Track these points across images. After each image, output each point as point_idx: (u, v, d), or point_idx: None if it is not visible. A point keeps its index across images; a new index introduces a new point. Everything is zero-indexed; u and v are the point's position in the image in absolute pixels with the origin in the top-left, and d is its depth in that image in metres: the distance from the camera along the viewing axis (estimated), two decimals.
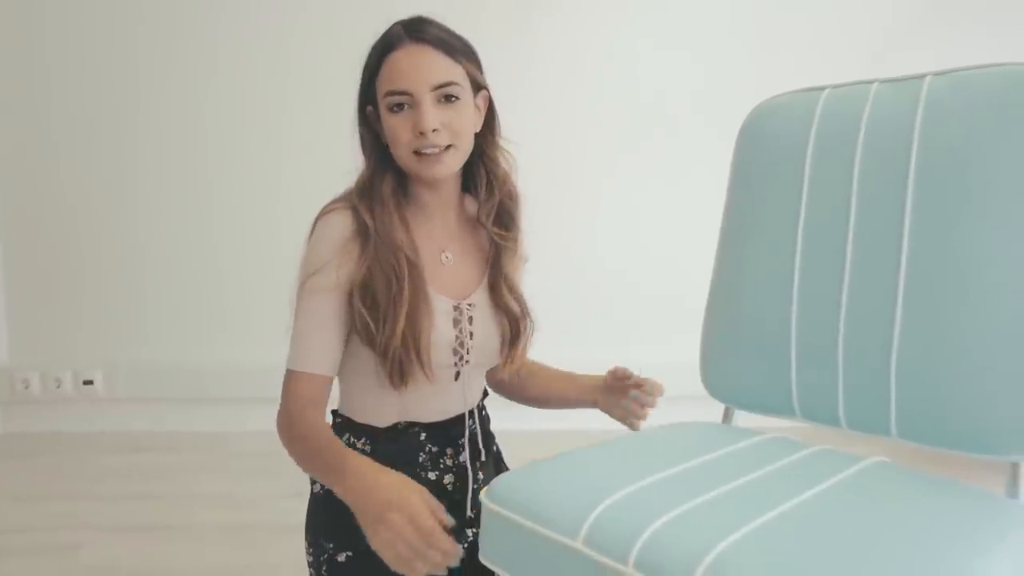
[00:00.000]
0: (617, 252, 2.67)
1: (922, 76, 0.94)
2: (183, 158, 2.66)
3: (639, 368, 1.15)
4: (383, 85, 1.05)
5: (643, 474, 0.84)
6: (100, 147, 2.65)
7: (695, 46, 2.63)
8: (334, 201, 1.11)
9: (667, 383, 1.14)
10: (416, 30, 1.05)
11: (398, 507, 0.85)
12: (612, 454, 0.94)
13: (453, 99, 1.04)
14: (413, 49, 1.04)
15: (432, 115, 1.02)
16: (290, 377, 1.08)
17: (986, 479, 0.96)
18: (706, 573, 0.67)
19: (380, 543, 0.85)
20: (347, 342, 1.10)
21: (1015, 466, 0.87)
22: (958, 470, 0.97)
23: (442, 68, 1.04)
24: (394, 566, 0.85)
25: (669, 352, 1.87)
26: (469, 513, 1.14)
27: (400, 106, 1.04)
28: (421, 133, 1.02)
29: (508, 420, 1.38)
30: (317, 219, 1.10)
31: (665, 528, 0.73)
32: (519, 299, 1.16)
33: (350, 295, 1.05)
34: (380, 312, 1.04)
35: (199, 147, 2.66)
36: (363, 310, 1.04)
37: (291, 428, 1.05)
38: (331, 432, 1.05)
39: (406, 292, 1.04)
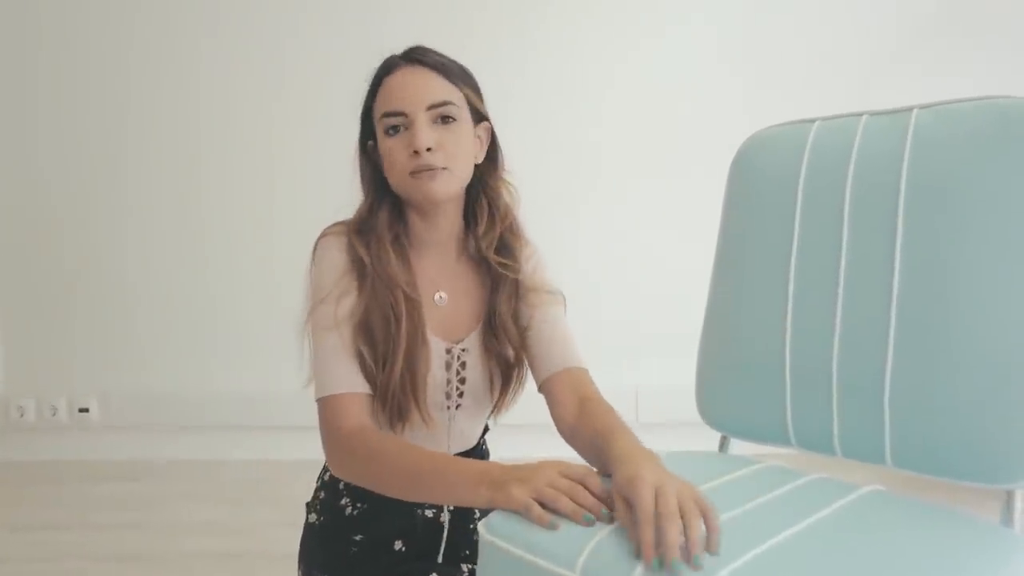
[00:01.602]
0: (615, 277, 2.67)
1: (909, 109, 0.96)
2: (176, 186, 2.67)
3: (636, 391, 1.13)
4: (379, 108, 1.03)
5: None
6: (94, 176, 2.66)
7: (689, 75, 2.65)
8: (335, 224, 1.10)
9: (666, 408, 1.12)
10: (412, 53, 1.05)
11: (545, 465, 0.82)
12: (609, 483, 0.94)
13: (449, 120, 1.02)
14: (409, 70, 1.03)
15: (427, 133, 1.00)
16: (328, 405, 1.01)
17: (982, 506, 0.96)
18: None
19: (533, 485, 0.80)
20: None
21: (1010, 494, 0.88)
22: (954, 497, 0.97)
23: (437, 88, 1.02)
24: (549, 501, 0.79)
25: (668, 377, 1.87)
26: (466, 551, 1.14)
27: (396, 128, 1.01)
28: (415, 152, 0.99)
29: (505, 448, 1.37)
30: (317, 242, 1.09)
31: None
32: (515, 345, 1.11)
33: (353, 328, 1.03)
34: (379, 353, 1.02)
35: (192, 176, 2.67)
36: (363, 348, 1.02)
37: (355, 451, 0.97)
38: (401, 440, 1.00)
39: (404, 331, 1.02)
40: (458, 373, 1.10)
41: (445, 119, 1.02)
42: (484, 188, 1.11)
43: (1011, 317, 0.86)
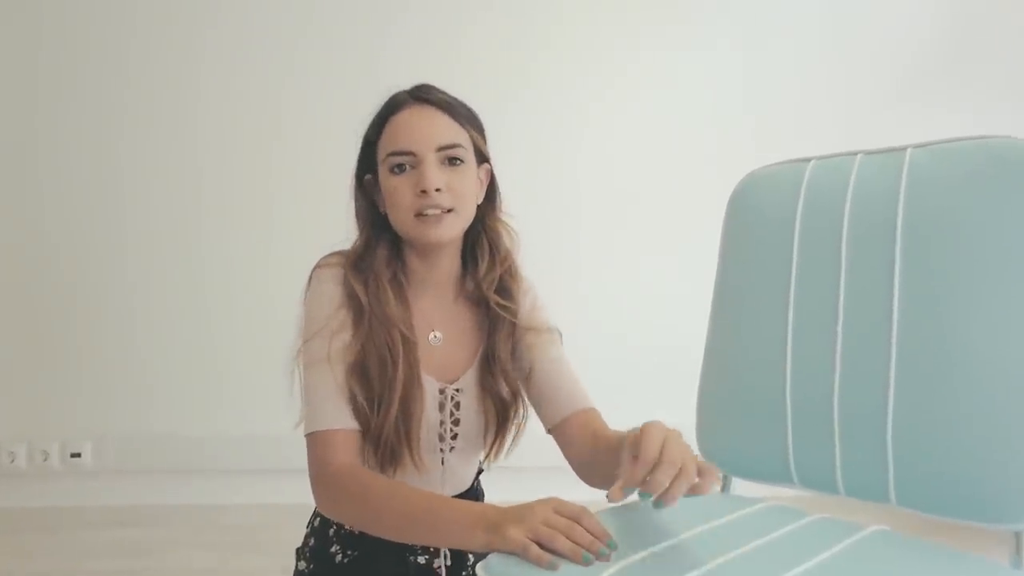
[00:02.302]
0: (615, 316, 2.67)
1: (903, 148, 0.97)
2: (172, 227, 2.67)
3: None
4: (385, 146, 1.02)
5: (642, 545, 0.83)
6: (88, 215, 2.65)
7: (685, 114, 2.69)
8: (332, 254, 1.09)
9: None
10: (421, 92, 1.04)
11: (540, 504, 0.81)
12: (610, 525, 0.93)
13: (457, 162, 1.02)
14: (418, 110, 1.02)
15: (436, 174, 0.99)
16: (319, 440, 0.98)
17: (989, 549, 0.94)
18: None
19: (529, 524, 0.79)
20: None
21: (1018, 535, 0.86)
22: (963, 537, 0.95)
23: (447, 129, 1.02)
24: (546, 540, 0.78)
25: (668, 417, 1.84)
26: None
27: (402, 167, 1.00)
28: (423, 192, 0.98)
29: (501, 491, 1.35)
30: (312, 272, 1.08)
31: None
32: (512, 385, 1.10)
33: (348, 368, 1.01)
34: (374, 394, 1.00)
35: (189, 215, 2.67)
36: (357, 389, 1.00)
37: (346, 489, 0.94)
38: (394, 479, 0.97)
39: (400, 373, 1.00)
40: (452, 414, 1.09)
41: (453, 161, 1.02)
42: (484, 229, 1.11)
43: (1011, 354, 0.85)
